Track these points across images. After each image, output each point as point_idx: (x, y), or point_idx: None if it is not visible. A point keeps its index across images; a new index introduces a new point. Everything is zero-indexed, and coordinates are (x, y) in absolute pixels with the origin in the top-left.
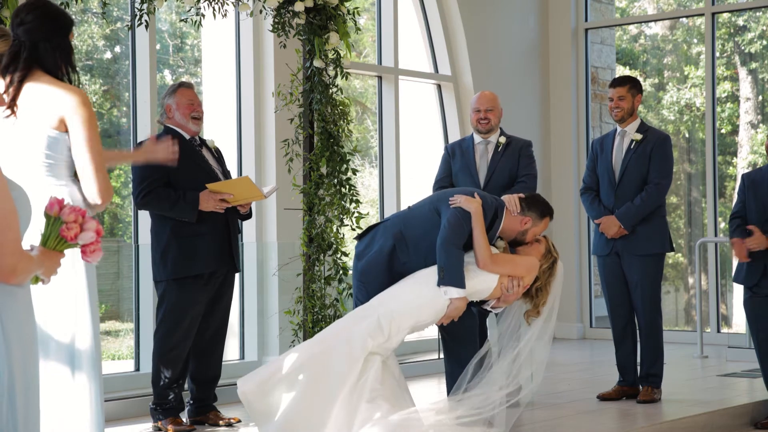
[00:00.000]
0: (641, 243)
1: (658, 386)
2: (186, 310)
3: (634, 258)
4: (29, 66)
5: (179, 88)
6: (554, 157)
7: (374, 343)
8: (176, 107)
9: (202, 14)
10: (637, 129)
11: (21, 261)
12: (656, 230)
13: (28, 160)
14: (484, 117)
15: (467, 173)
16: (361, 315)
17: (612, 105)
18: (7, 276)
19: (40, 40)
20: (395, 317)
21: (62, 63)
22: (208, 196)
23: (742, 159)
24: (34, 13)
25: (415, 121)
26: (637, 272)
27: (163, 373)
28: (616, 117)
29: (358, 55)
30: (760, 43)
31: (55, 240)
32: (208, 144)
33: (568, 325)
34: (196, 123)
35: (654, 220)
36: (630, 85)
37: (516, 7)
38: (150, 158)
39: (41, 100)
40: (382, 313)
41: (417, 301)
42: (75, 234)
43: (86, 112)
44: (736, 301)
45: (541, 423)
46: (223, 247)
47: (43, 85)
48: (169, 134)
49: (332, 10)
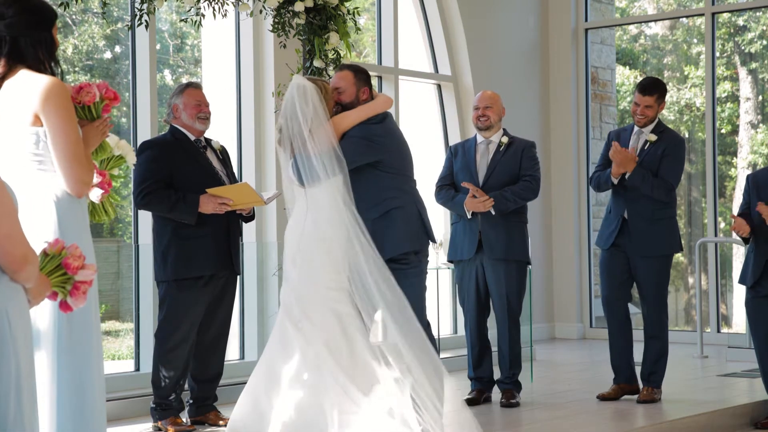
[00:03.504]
0: (650, 244)
1: (658, 386)
2: (186, 311)
3: (643, 259)
4: (10, 62)
5: (187, 88)
6: (554, 157)
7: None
8: (183, 107)
9: (202, 14)
10: (653, 129)
11: (30, 251)
12: (666, 231)
13: (17, 157)
14: (482, 114)
15: (467, 172)
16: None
17: (637, 111)
18: (20, 264)
19: (21, 34)
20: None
21: (45, 58)
22: (209, 198)
23: (742, 159)
24: (15, 7)
25: (415, 121)
26: (645, 273)
27: (163, 373)
28: (638, 123)
29: (358, 55)
30: (760, 43)
31: (51, 270)
32: (214, 145)
33: (568, 325)
34: (202, 123)
35: (664, 221)
36: (658, 95)
37: (516, 7)
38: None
39: (17, 96)
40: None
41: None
42: (77, 267)
43: (56, 102)
44: (736, 301)
45: (540, 423)
46: (223, 250)
47: (19, 82)
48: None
49: (332, 10)
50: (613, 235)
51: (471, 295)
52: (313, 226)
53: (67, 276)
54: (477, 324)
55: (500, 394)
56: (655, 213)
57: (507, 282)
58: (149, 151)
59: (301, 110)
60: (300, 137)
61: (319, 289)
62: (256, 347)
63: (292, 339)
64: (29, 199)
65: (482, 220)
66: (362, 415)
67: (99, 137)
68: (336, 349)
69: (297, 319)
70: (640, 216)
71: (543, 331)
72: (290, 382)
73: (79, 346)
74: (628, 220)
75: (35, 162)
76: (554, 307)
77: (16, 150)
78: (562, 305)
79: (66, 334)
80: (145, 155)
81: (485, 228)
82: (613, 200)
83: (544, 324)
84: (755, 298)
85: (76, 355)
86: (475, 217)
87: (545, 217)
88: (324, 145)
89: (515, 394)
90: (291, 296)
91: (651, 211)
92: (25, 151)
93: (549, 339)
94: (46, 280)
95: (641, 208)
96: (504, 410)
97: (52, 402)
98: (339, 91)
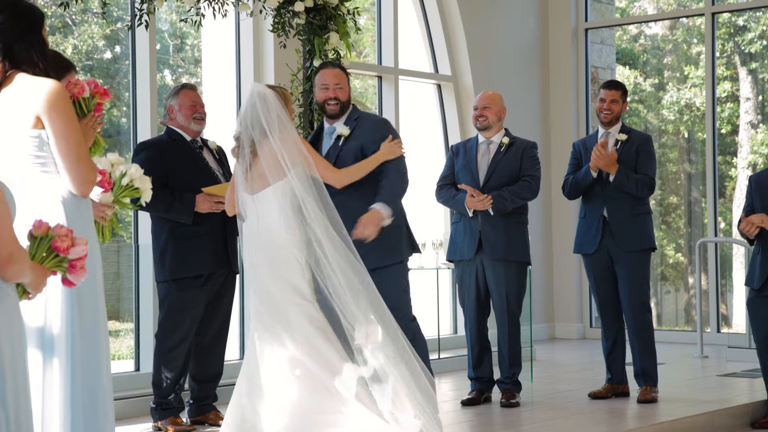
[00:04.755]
0: (633, 239)
1: (654, 384)
2: (185, 310)
3: (627, 254)
4: (6, 68)
5: (182, 89)
6: (554, 157)
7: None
8: (178, 108)
9: (202, 14)
10: (620, 130)
11: (19, 250)
12: (646, 226)
13: (19, 161)
14: (480, 114)
15: (467, 171)
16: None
17: (603, 107)
18: (5, 263)
19: (14, 40)
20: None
21: (39, 59)
22: (204, 198)
23: (742, 159)
24: (5, 13)
25: (415, 121)
26: (629, 269)
27: (163, 373)
28: (605, 119)
29: (358, 55)
30: (760, 43)
31: (43, 255)
32: (210, 145)
33: (568, 325)
34: (198, 123)
35: (643, 216)
36: (623, 91)
37: (516, 7)
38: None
39: (18, 101)
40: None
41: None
42: (67, 246)
43: (57, 103)
44: (736, 301)
45: (540, 423)
46: (220, 248)
47: (18, 86)
48: (168, 135)
49: (332, 10)
50: (597, 237)
51: (471, 295)
52: (267, 233)
53: (60, 258)
54: (477, 324)
55: (500, 394)
56: (635, 208)
57: (507, 282)
58: (145, 152)
59: (264, 118)
60: (264, 144)
61: (285, 293)
62: None
63: (267, 347)
64: (36, 202)
65: (482, 220)
66: (347, 414)
67: (90, 133)
68: (313, 349)
69: (269, 326)
70: (621, 213)
71: (543, 331)
72: (274, 388)
73: (90, 347)
74: (609, 218)
75: (38, 165)
76: (554, 307)
77: (18, 154)
78: (562, 305)
79: (78, 337)
80: (141, 156)
81: (485, 228)
82: (588, 203)
83: (544, 324)
84: (758, 297)
85: (87, 356)
86: (476, 217)
87: (545, 217)
88: (292, 151)
89: (515, 394)
90: (259, 306)
91: (630, 206)
92: (27, 155)
93: (549, 339)
94: (40, 269)
95: (621, 205)
96: (504, 410)
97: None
98: (339, 86)
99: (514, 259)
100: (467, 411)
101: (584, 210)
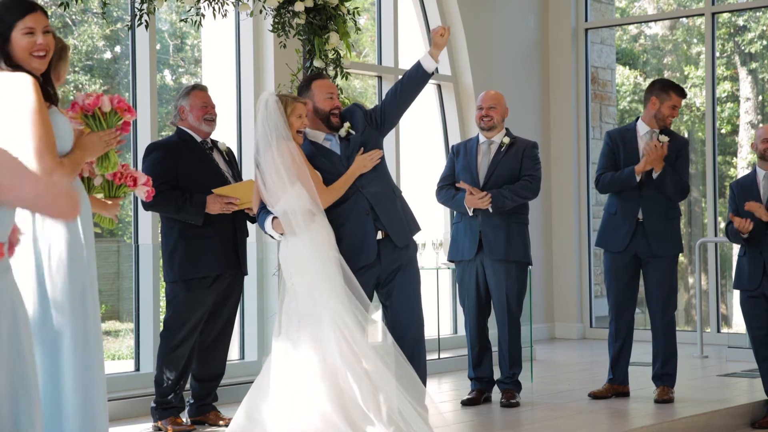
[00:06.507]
0: (666, 243)
1: (672, 385)
2: (192, 310)
3: (658, 259)
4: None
5: (193, 90)
6: (554, 157)
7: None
8: (189, 109)
9: (202, 14)
10: (663, 131)
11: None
12: (677, 230)
13: None
14: (486, 114)
15: (468, 171)
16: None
17: (675, 114)
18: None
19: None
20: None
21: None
22: (215, 199)
23: (742, 159)
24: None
25: (415, 121)
26: (659, 273)
27: (165, 372)
28: (668, 124)
29: (358, 55)
30: (760, 43)
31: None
32: (220, 147)
33: (568, 325)
34: (209, 124)
35: (675, 221)
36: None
37: (516, 7)
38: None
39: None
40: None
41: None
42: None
43: (19, 96)
44: (736, 301)
45: (540, 423)
46: (229, 250)
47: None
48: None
49: (332, 10)
50: (628, 237)
51: (471, 295)
52: (293, 251)
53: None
54: (477, 324)
55: (500, 394)
56: (669, 212)
57: (507, 282)
58: (155, 153)
59: (262, 123)
60: (268, 151)
61: (317, 302)
62: (256, 347)
63: (302, 348)
64: None
65: (483, 220)
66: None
67: (101, 146)
68: (347, 355)
69: (304, 326)
70: (657, 215)
71: (543, 331)
72: (307, 391)
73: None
74: (644, 220)
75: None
76: (554, 307)
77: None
78: (562, 305)
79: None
80: (151, 157)
81: (486, 228)
82: (623, 201)
83: (544, 324)
84: (750, 297)
85: (80, 354)
86: (476, 217)
87: (545, 217)
88: (286, 158)
89: (515, 394)
90: (293, 308)
91: (665, 210)
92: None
93: (549, 339)
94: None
95: (658, 208)
96: (504, 410)
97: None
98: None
99: (514, 259)
100: (467, 411)
101: (616, 206)
